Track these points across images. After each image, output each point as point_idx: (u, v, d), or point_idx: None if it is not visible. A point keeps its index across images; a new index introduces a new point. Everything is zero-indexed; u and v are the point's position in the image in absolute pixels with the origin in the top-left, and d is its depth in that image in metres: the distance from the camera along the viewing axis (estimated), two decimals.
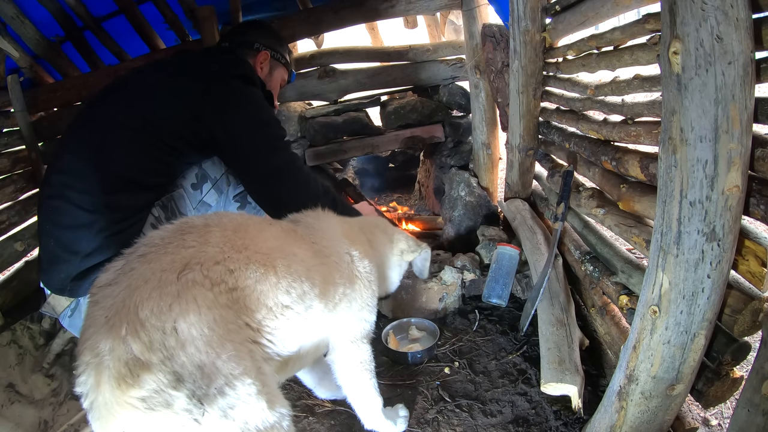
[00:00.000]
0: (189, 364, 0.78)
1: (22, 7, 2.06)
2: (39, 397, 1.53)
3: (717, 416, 1.37)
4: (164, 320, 0.78)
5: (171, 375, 0.76)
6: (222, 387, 0.80)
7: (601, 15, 1.47)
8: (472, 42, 2.43)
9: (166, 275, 0.83)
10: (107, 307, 0.80)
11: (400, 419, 1.30)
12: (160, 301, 0.80)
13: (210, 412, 0.78)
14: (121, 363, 0.75)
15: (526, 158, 2.20)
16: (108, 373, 0.75)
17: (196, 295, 0.82)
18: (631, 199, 1.25)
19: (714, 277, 0.86)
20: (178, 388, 0.76)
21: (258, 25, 1.74)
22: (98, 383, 0.75)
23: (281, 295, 0.95)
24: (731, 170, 0.80)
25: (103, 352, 0.76)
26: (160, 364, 0.76)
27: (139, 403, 0.74)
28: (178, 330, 0.78)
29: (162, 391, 0.75)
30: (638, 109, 1.23)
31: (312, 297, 1.01)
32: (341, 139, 2.81)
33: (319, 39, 3.02)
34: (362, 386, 1.21)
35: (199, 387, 0.77)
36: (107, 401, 0.75)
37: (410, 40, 2.96)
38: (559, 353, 1.29)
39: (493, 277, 1.86)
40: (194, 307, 0.81)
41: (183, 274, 0.84)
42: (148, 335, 0.76)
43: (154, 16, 2.30)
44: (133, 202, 1.25)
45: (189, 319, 0.80)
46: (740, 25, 0.75)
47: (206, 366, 0.79)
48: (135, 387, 0.74)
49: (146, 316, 0.78)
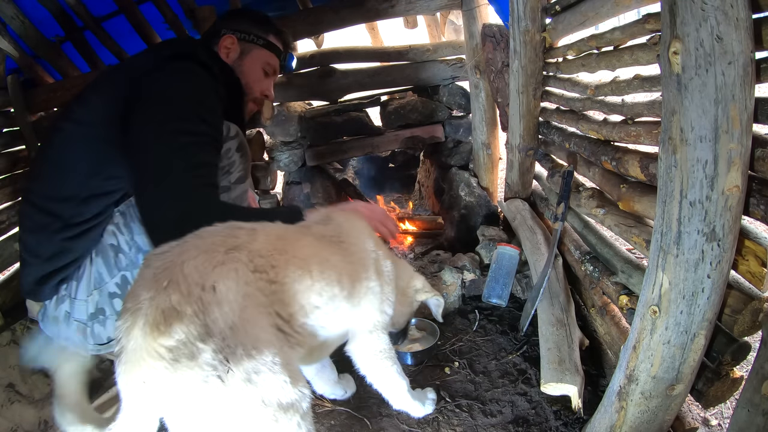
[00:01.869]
0: (221, 321, 0.82)
1: (22, 7, 2.06)
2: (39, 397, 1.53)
3: (717, 416, 1.37)
4: (205, 278, 0.84)
5: (201, 327, 0.79)
6: (250, 350, 0.83)
7: (601, 15, 1.47)
8: (472, 42, 2.43)
9: (216, 247, 0.90)
10: (157, 266, 0.86)
11: (429, 401, 1.35)
12: (205, 262, 0.86)
13: (235, 372, 0.80)
14: (158, 311, 0.79)
15: (526, 158, 2.20)
16: (144, 319, 0.78)
17: (238, 268, 0.89)
18: (631, 199, 1.25)
19: (714, 277, 0.86)
20: (206, 341, 0.79)
21: (229, 13, 1.56)
22: (132, 327, 0.79)
23: (314, 297, 1.02)
24: (731, 170, 0.80)
25: (143, 300, 0.81)
26: (192, 315, 0.79)
27: (166, 353, 0.76)
28: (216, 289, 0.83)
29: (189, 343, 0.78)
30: (638, 109, 1.23)
31: (340, 299, 1.08)
32: (341, 139, 2.81)
33: (319, 39, 3.02)
34: (385, 373, 1.26)
35: (227, 345, 0.81)
36: (137, 347, 0.78)
37: (410, 40, 2.96)
38: (559, 353, 1.29)
39: (493, 277, 1.86)
40: (234, 276, 0.87)
41: (230, 251, 0.91)
42: (187, 288, 0.81)
43: (154, 16, 2.30)
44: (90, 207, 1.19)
45: (228, 283, 0.85)
46: (740, 25, 0.75)
47: (237, 327, 0.83)
48: (165, 335, 0.77)
49: (190, 271, 0.84)
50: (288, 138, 2.72)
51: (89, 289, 1.21)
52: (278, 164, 2.74)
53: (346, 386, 1.46)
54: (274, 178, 2.68)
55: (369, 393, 1.44)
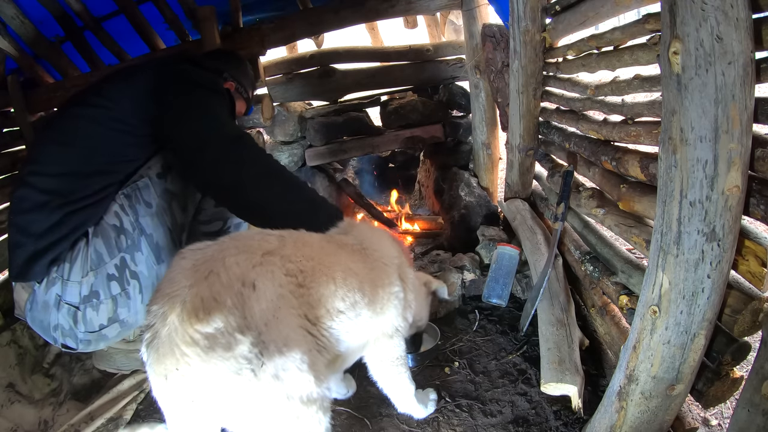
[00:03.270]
0: (258, 316, 0.84)
1: (22, 7, 2.06)
2: (39, 397, 1.53)
3: (717, 416, 1.37)
4: (246, 274, 0.87)
5: (241, 319, 0.81)
6: (281, 347, 0.85)
7: (601, 15, 1.47)
8: (472, 42, 2.43)
9: (253, 249, 0.95)
10: (195, 258, 0.89)
11: (430, 402, 1.37)
12: (245, 260, 0.90)
13: (267, 367, 0.82)
14: (198, 298, 0.80)
15: (526, 158, 2.20)
16: (182, 306, 0.79)
17: (274, 270, 0.93)
18: (631, 199, 1.25)
19: (714, 277, 0.86)
20: (245, 333, 0.81)
21: (232, 56, 1.77)
22: (170, 312, 0.79)
23: (337, 302, 1.05)
24: (731, 170, 0.80)
25: (183, 287, 0.82)
26: (233, 307, 0.81)
27: (203, 340, 0.77)
28: (256, 286, 0.87)
29: (227, 333, 0.79)
30: (638, 109, 1.23)
31: (362, 306, 1.12)
32: (341, 139, 2.81)
33: (319, 39, 3.02)
34: (398, 379, 1.28)
35: (262, 340, 0.83)
36: (172, 332, 0.78)
37: (410, 40, 2.96)
38: (559, 353, 1.29)
39: (493, 277, 1.86)
40: (271, 277, 0.91)
41: (266, 255, 0.95)
42: (228, 280, 0.84)
43: (154, 16, 2.30)
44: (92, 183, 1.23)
45: (266, 283, 0.89)
46: (740, 25, 0.75)
47: (272, 325, 0.86)
48: (203, 322, 0.78)
49: (231, 265, 0.87)
50: (288, 138, 2.72)
51: (84, 270, 1.21)
52: None
53: (348, 386, 1.46)
54: None
55: (369, 393, 1.44)
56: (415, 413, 1.33)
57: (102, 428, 1.37)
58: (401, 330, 1.26)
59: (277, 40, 2.39)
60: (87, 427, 1.36)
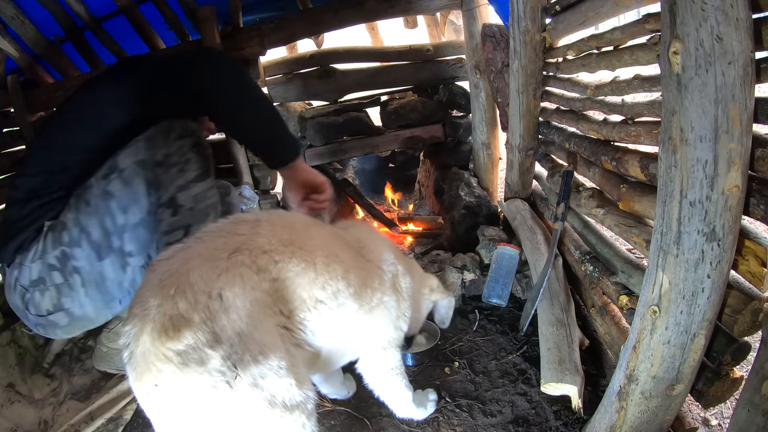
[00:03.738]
0: (229, 328, 0.83)
1: (22, 7, 2.06)
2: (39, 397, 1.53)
3: (717, 416, 1.37)
4: (211, 286, 0.85)
5: (210, 335, 0.80)
6: (257, 356, 0.84)
7: (601, 15, 1.47)
8: (472, 42, 2.43)
9: (218, 253, 0.91)
10: (162, 272, 0.88)
11: (430, 402, 1.36)
12: (210, 270, 0.87)
13: (242, 378, 0.82)
14: (166, 317, 0.80)
15: (526, 158, 2.20)
16: (152, 325, 0.80)
17: (242, 273, 0.89)
18: (631, 199, 1.25)
19: (714, 277, 0.86)
20: (215, 348, 0.80)
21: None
22: (141, 333, 0.80)
23: (316, 290, 1.01)
24: (731, 170, 0.80)
25: (151, 306, 0.82)
26: (201, 323, 0.80)
27: (175, 357, 0.78)
28: (223, 296, 0.84)
29: (198, 349, 0.79)
30: (638, 109, 1.23)
31: (346, 296, 1.07)
32: (341, 139, 2.81)
33: (319, 39, 3.02)
34: (394, 389, 1.27)
35: (235, 351, 0.82)
36: (146, 351, 0.79)
37: (410, 40, 2.96)
38: (559, 353, 1.29)
39: (493, 277, 1.86)
40: (240, 282, 0.88)
41: (233, 254, 0.91)
42: (194, 296, 0.82)
43: (154, 16, 2.30)
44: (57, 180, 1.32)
45: (234, 290, 0.86)
46: (740, 25, 0.75)
47: (245, 334, 0.84)
48: (174, 340, 0.78)
49: (195, 280, 0.85)
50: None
51: (35, 257, 1.30)
52: None
53: (348, 386, 1.46)
54: (274, 178, 2.68)
55: (369, 393, 1.44)
56: (414, 416, 1.32)
57: (102, 428, 1.37)
58: (394, 340, 1.24)
59: (277, 40, 2.40)
60: (87, 427, 1.36)
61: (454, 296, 1.50)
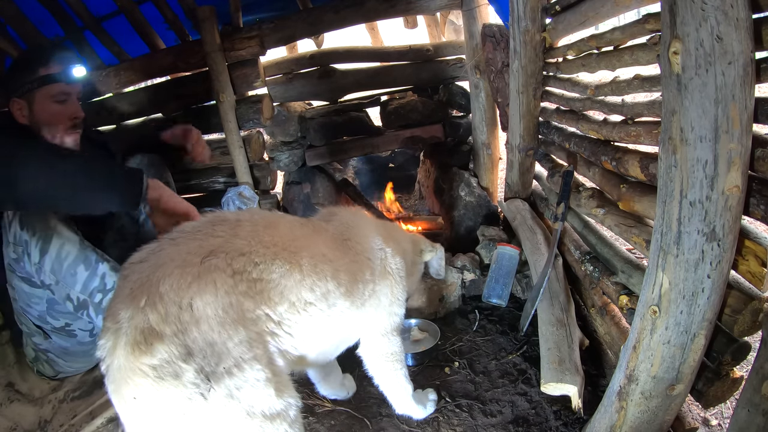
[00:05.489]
0: (201, 340, 0.81)
1: (22, 7, 2.06)
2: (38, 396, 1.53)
3: (717, 416, 1.37)
4: (182, 296, 0.82)
5: (182, 348, 0.79)
6: (231, 368, 0.82)
7: (601, 15, 1.47)
8: (472, 42, 2.43)
9: (191, 257, 0.87)
10: (134, 280, 0.85)
11: (430, 402, 1.36)
12: (180, 278, 0.83)
13: (217, 390, 0.81)
14: (138, 331, 0.78)
15: (526, 158, 2.20)
16: (125, 339, 0.78)
17: (216, 278, 0.86)
18: (631, 199, 1.25)
19: (714, 277, 0.86)
20: (188, 362, 0.79)
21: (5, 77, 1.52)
22: (115, 347, 0.79)
23: (305, 292, 0.98)
24: (731, 170, 0.80)
25: (123, 320, 0.80)
26: (172, 336, 0.79)
27: (150, 371, 0.77)
28: (193, 307, 0.82)
29: (172, 362, 0.78)
30: (638, 109, 1.23)
31: (336, 296, 1.04)
32: (341, 139, 2.81)
33: (319, 39, 3.02)
34: (393, 377, 1.27)
35: (208, 363, 0.80)
36: (121, 365, 0.78)
37: (410, 40, 2.96)
38: (559, 353, 1.29)
39: (493, 277, 1.86)
40: (212, 289, 0.84)
41: (207, 259, 0.88)
42: (164, 307, 0.80)
43: (154, 16, 2.30)
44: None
45: (205, 298, 0.83)
46: (740, 25, 0.75)
47: (217, 345, 0.82)
48: (147, 354, 0.77)
49: (165, 290, 0.82)
50: (288, 138, 2.72)
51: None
52: (278, 164, 2.73)
53: (348, 387, 1.46)
54: (274, 178, 2.68)
55: (369, 393, 1.44)
56: (414, 414, 1.32)
57: (102, 428, 1.37)
58: (391, 326, 1.24)
59: (277, 40, 2.40)
60: (87, 427, 1.36)
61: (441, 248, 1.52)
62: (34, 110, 1.46)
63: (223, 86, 2.23)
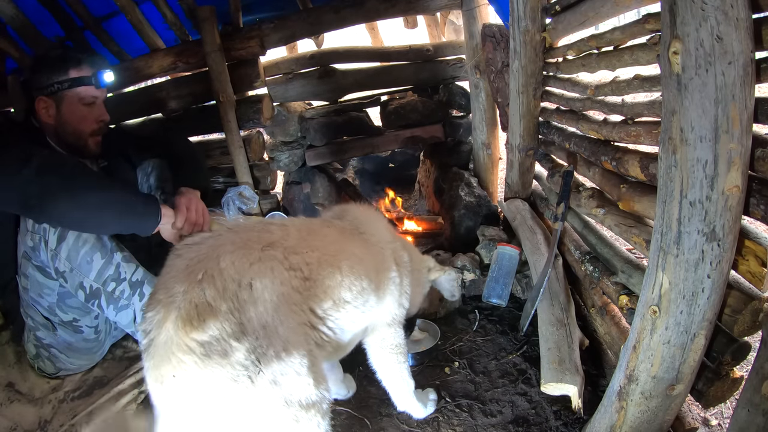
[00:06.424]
0: (256, 320, 0.81)
1: (22, 7, 2.06)
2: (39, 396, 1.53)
3: (717, 416, 1.37)
4: (242, 274, 0.83)
5: (236, 326, 0.79)
6: (280, 352, 0.83)
7: (601, 15, 1.47)
8: (472, 42, 2.43)
9: (252, 243, 0.90)
10: (190, 257, 0.86)
11: (430, 402, 1.37)
12: (243, 258, 0.85)
13: (264, 374, 0.80)
14: (192, 305, 0.78)
15: (526, 158, 2.20)
16: (176, 313, 0.78)
17: (274, 267, 0.89)
18: (631, 199, 1.25)
19: (714, 277, 0.86)
20: (241, 340, 0.79)
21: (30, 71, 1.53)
22: (164, 320, 0.78)
23: (344, 292, 1.04)
24: (731, 170, 0.80)
25: (177, 293, 0.80)
26: (228, 313, 0.79)
27: (197, 347, 0.76)
28: (253, 286, 0.83)
29: (223, 340, 0.77)
30: (638, 109, 1.23)
31: (369, 292, 1.10)
32: (341, 139, 2.81)
33: (319, 39, 3.02)
34: (396, 370, 1.28)
35: (260, 345, 0.81)
36: (168, 340, 0.77)
37: (410, 40, 2.96)
38: (559, 353, 1.29)
39: (493, 277, 1.86)
40: (270, 274, 0.87)
41: (266, 248, 0.91)
42: (223, 283, 0.81)
43: (154, 16, 2.30)
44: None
45: (264, 282, 0.85)
46: (740, 25, 0.75)
47: (270, 328, 0.83)
48: (198, 330, 0.76)
49: (226, 266, 0.83)
50: (288, 138, 2.72)
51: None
52: (278, 164, 2.73)
53: (348, 386, 1.46)
54: (274, 178, 2.68)
55: (369, 393, 1.45)
56: (414, 412, 1.33)
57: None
58: (398, 317, 1.26)
59: (277, 40, 2.40)
60: (87, 427, 1.36)
61: (452, 270, 1.53)
62: (62, 110, 1.46)
63: (223, 86, 2.23)
